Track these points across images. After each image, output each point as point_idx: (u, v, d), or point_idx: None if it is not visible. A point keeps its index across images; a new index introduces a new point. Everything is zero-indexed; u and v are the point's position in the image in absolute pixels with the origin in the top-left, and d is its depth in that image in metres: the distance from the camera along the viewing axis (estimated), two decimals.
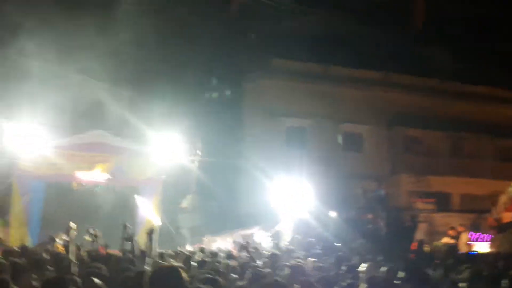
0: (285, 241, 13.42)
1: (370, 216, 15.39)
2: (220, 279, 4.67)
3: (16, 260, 5.44)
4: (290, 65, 20.70)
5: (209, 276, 4.64)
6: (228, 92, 18.18)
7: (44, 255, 6.95)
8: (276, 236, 13.96)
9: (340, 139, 21.08)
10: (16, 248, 8.31)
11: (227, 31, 20.33)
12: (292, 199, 15.15)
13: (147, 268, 5.55)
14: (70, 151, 15.00)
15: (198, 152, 15.91)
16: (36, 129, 14.33)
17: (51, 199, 14.65)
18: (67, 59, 15.60)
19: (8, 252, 7.17)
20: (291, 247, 12.09)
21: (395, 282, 4.69)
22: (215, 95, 17.65)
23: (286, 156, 18.13)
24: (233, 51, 20.16)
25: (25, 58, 15.53)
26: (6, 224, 13.70)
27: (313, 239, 12.32)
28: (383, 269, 5.44)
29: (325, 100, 20.16)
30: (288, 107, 20.19)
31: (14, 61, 15.55)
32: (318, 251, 10.41)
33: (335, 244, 11.52)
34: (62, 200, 14.52)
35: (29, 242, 12.30)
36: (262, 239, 14.92)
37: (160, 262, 6.98)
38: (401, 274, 4.86)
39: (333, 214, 14.39)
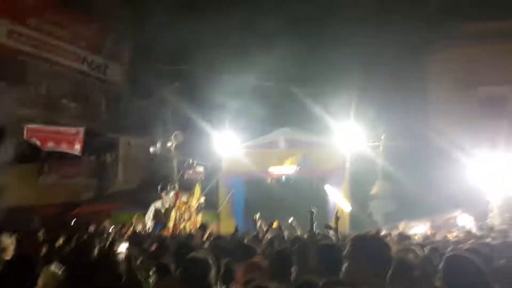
0: (493, 222, 11.90)
1: None
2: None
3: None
4: (481, 26, 18.19)
5: None
6: (409, 68, 17.07)
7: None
8: (481, 218, 12.51)
9: None
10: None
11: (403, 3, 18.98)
12: (497, 175, 13.38)
13: None
14: (262, 150, 16.49)
15: (381, 137, 15.45)
16: (232, 135, 16.26)
17: (250, 193, 16.36)
18: (250, 66, 16.92)
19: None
20: (503, 227, 10.70)
21: None
22: (394, 74, 16.77)
23: (483, 129, 16.03)
24: (412, 22, 18.75)
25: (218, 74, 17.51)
26: (217, 217, 15.83)
27: None
28: None
29: None
30: (482, 75, 17.83)
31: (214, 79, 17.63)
32: None
33: None
34: (259, 193, 15.97)
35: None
36: (466, 222, 13.56)
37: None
38: None
39: None
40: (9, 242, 5.91)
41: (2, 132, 15.08)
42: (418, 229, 14.66)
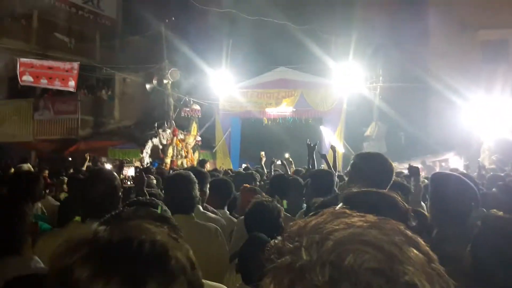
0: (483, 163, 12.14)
1: None
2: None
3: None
4: None
5: None
6: (410, 9, 16.63)
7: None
8: (473, 160, 12.75)
9: None
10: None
11: None
12: (491, 120, 13.54)
13: None
14: (258, 90, 16.41)
15: (379, 78, 15.37)
16: (228, 74, 16.06)
17: (246, 133, 16.50)
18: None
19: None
20: (491, 166, 10.95)
21: None
22: (395, 14, 16.36)
23: (482, 73, 15.92)
24: None
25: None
26: (214, 156, 16.06)
27: None
28: None
29: None
30: (484, 18, 17.46)
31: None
32: None
33: None
34: (255, 133, 16.09)
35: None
36: (458, 164, 13.85)
37: None
38: None
39: None
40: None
41: None
42: None
